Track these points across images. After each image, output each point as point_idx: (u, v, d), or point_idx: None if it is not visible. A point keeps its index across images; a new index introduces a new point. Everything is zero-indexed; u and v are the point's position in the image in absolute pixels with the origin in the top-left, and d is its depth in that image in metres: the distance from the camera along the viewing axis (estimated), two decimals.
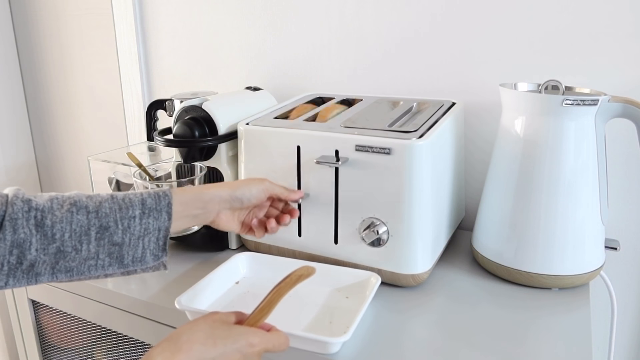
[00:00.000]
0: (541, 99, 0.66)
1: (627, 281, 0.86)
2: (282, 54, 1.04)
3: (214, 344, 0.45)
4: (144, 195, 0.54)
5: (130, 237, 0.52)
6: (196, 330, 0.46)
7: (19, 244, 0.48)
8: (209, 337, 0.46)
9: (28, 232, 0.48)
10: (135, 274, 0.58)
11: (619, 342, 0.89)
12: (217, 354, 0.45)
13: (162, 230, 0.54)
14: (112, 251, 0.53)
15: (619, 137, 0.80)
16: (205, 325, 0.47)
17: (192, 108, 0.78)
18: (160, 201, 0.54)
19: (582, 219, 0.67)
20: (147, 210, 0.53)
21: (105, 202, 0.52)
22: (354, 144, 0.67)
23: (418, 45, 0.90)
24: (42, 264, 0.50)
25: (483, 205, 0.75)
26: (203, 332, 0.46)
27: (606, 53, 0.78)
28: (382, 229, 0.67)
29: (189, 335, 0.45)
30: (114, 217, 0.52)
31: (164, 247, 0.55)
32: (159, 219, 0.54)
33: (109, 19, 1.24)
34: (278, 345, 0.49)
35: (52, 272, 0.51)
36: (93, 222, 0.51)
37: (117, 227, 0.52)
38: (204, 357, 0.44)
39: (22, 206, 0.49)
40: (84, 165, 1.45)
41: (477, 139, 0.89)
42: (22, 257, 0.48)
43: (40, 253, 0.49)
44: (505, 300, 0.67)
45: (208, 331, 0.46)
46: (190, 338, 0.45)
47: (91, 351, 0.82)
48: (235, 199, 0.60)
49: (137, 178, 0.75)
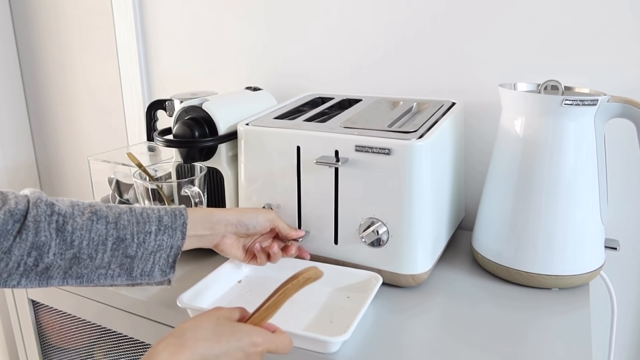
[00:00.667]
0: (541, 99, 0.66)
1: (627, 281, 0.86)
2: (282, 54, 1.04)
3: (219, 341, 0.46)
4: (162, 212, 0.55)
5: (143, 252, 0.54)
6: (201, 327, 0.46)
7: (39, 247, 0.49)
8: (214, 334, 0.46)
9: (49, 236, 0.49)
10: (139, 286, 0.58)
11: (619, 342, 0.89)
12: (220, 351, 0.45)
13: (174, 249, 0.55)
14: (124, 263, 0.54)
15: (619, 137, 0.80)
16: (210, 322, 0.47)
17: (192, 108, 0.78)
18: (176, 220, 0.55)
19: (582, 219, 0.67)
20: (163, 227, 0.54)
21: (124, 214, 0.53)
22: (353, 144, 0.67)
23: (418, 45, 0.90)
24: (57, 268, 0.51)
25: (483, 205, 0.75)
26: (208, 328, 0.46)
27: (606, 53, 0.78)
28: (382, 229, 0.67)
29: (194, 332, 0.46)
30: (131, 230, 0.53)
31: (173, 264, 0.56)
32: (173, 237, 0.55)
33: (109, 19, 1.24)
34: (282, 347, 0.50)
35: (63, 277, 0.52)
36: (111, 233, 0.52)
37: (132, 241, 0.53)
38: (208, 354, 0.45)
39: (45, 209, 0.49)
40: (84, 165, 1.45)
41: (477, 139, 0.89)
42: (40, 259, 0.49)
43: (57, 257, 0.50)
44: (505, 301, 0.67)
45: (213, 328, 0.47)
46: (194, 334, 0.45)
47: (91, 351, 0.82)
48: (242, 224, 0.61)
49: (137, 178, 0.75)
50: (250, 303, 0.61)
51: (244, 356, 0.47)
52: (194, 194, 0.73)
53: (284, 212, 0.74)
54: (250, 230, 0.63)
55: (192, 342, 0.45)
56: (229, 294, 0.67)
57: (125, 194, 0.93)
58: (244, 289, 0.69)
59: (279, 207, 0.74)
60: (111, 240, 0.52)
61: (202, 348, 0.45)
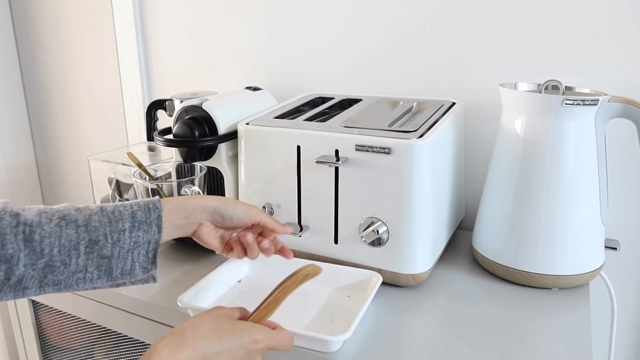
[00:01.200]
0: (541, 99, 0.66)
1: (627, 281, 0.86)
2: (282, 54, 1.04)
3: (219, 339, 0.45)
4: (134, 207, 0.53)
5: (119, 251, 0.52)
6: (201, 325, 0.46)
7: (7, 260, 0.47)
8: (214, 331, 0.46)
9: (16, 248, 0.47)
10: (124, 287, 0.57)
11: (619, 342, 0.89)
12: (221, 348, 0.45)
13: (152, 243, 0.53)
14: (101, 264, 0.52)
15: (619, 137, 0.80)
16: (210, 320, 0.47)
17: (192, 108, 0.78)
18: (150, 214, 0.53)
19: (582, 219, 0.67)
20: (137, 223, 0.52)
21: (94, 215, 0.52)
22: (354, 143, 0.67)
23: (418, 45, 0.90)
24: (30, 278, 0.49)
25: (483, 205, 0.75)
26: (208, 327, 0.46)
27: (606, 53, 0.78)
28: (382, 229, 0.67)
29: (194, 330, 0.45)
30: (103, 230, 0.51)
31: (154, 259, 0.54)
32: (149, 232, 0.53)
33: (109, 19, 1.24)
34: (283, 344, 0.49)
35: (39, 286, 0.50)
36: (82, 236, 0.50)
37: (106, 241, 0.51)
38: (208, 351, 0.44)
39: (10, 221, 0.48)
40: (84, 165, 1.45)
41: (477, 139, 0.89)
42: (10, 272, 0.48)
43: (28, 268, 0.48)
44: (505, 300, 0.67)
45: (213, 326, 0.46)
46: (195, 332, 0.45)
47: (91, 351, 0.82)
48: (218, 212, 0.58)
49: (137, 178, 0.75)
50: (250, 302, 0.61)
51: (245, 353, 0.47)
52: (194, 193, 0.73)
53: (284, 212, 0.74)
54: (226, 220, 0.59)
55: (193, 340, 0.44)
56: (229, 294, 0.67)
57: (125, 194, 0.93)
58: (244, 288, 0.69)
59: (279, 206, 0.74)
60: (84, 244, 0.50)
61: (203, 346, 0.44)
